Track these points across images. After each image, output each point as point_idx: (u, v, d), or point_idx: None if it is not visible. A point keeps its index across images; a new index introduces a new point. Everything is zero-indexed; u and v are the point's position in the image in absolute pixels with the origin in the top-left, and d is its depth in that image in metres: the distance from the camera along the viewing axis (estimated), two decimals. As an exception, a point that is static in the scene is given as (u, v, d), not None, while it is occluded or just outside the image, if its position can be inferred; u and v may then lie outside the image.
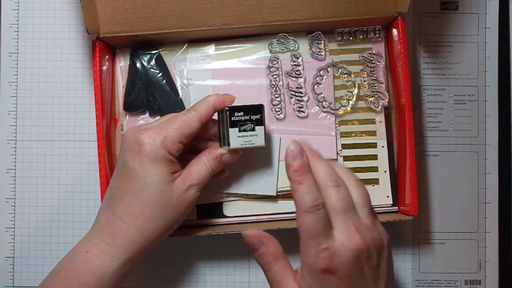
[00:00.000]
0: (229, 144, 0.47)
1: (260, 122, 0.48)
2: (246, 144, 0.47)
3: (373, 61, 0.54)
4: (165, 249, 0.57)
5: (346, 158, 0.54)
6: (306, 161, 0.42)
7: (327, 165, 0.43)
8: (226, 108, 0.47)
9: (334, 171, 0.43)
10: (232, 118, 0.47)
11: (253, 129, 0.48)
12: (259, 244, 0.43)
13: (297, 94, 0.54)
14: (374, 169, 0.54)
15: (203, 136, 0.49)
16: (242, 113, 0.48)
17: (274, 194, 0.53)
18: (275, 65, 0.54)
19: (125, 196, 0.45)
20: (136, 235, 0.44)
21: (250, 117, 0.48)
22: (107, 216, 0.45)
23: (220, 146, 0.49)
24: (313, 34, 0.54)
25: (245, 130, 0.47)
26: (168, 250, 0.57)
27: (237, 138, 0.47)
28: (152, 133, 0.45)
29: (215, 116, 0.49)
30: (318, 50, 0.54)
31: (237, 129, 0.47)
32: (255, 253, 0.43)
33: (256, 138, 0.48)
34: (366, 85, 0.54)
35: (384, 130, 0.54)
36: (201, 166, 0.47)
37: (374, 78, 0.54)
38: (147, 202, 0.44)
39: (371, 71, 0.54)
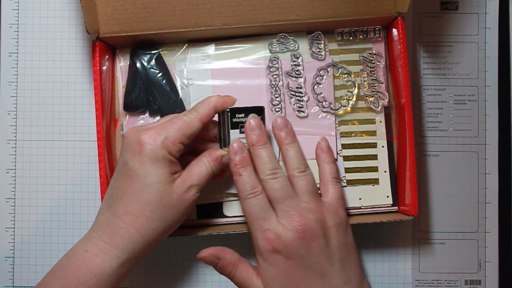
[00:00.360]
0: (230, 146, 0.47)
1: None
2: (246, 146, 0.47)
3: (373, 61, 0.54)
4: (165, 249, 0.57)
5: (346, 158, 0.54)
6: (246, 156, 0.47)
7: (269, 156, 0.47)
8: (227, 110, 0.47)
9: (273, 163, 0.47)
10: (233, 120, 0.47)
11: (253, 130, 0.47)
12: (216, 260, 0.47)
13: (297, 94, 0.54)
14: (374, 169, 0.54)
15: (204, 138, 0.49)
16: (243, 115, 0.48)
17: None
18: (275, 65, 0.54)
19: (125, 196, 0.45)
20: (135, 235, 0.44)
21: None
22: (107, 215, 0.45)
23: (221, 148, 0.49)
24: (313, 34, 0.54)
25: (246, 131, 0.48)
26: (168, 250, 0.57)
27: (237, 140, 0.47)
28: (153, 133, 0.45)
29: (216, 118, 0.49)
30: (318, 50, 0.54)
31: (238, 130, 0.47)
32: (216, 268, 0.47)
33: None
34: (366, 85, 0.54)
35: (384, 130, 0.54)
36: (201, 167, 0.47)
37: (374, 78, 0.54)
38: (147, 202, 0.44)
39: (371, 71, 0.54)
